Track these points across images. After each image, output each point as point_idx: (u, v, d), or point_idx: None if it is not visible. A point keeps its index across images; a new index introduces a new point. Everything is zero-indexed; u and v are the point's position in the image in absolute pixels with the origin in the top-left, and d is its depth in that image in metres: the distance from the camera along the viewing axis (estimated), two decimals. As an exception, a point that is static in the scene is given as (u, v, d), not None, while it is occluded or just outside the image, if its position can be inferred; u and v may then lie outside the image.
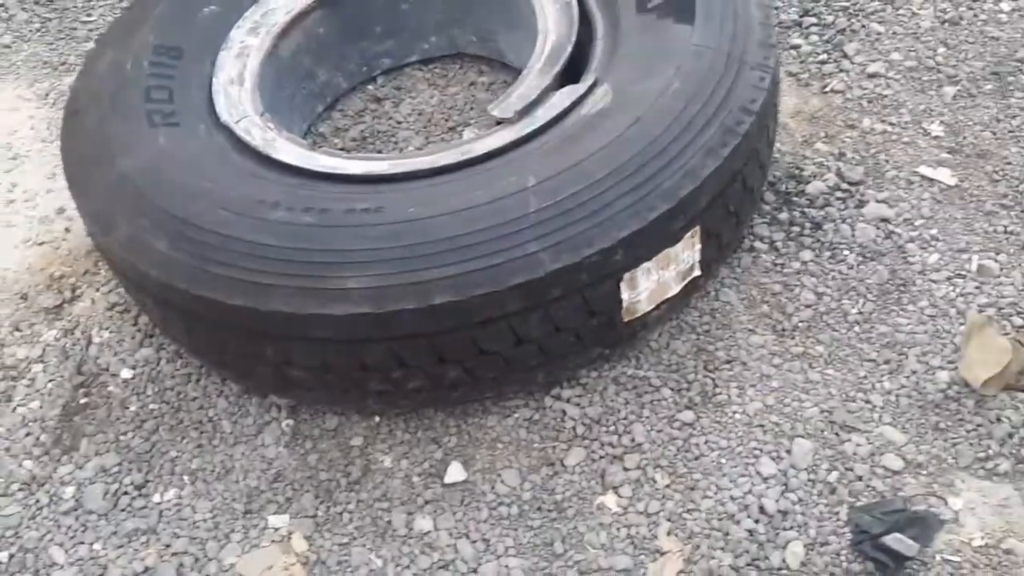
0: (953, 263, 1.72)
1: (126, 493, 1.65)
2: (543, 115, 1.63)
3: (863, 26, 2.17)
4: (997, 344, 1.52)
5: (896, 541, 1.37)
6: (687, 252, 1.52)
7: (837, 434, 1.52)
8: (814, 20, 2.20)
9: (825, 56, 2.13)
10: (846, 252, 1.75)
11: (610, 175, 1.45)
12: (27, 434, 1.76)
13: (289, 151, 1.67)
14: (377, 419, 1.67)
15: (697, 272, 1.58)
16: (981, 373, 1.51)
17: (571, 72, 1.73)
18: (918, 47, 2.11)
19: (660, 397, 1.61)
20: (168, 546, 1.57)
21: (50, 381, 1.83)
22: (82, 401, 1.79)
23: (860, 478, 1.47)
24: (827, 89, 2.06)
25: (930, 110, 1.98)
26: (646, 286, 1.50)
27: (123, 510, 1.63)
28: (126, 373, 1.81)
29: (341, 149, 2.07)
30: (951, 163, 1.87)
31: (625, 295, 1.49)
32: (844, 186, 1.85)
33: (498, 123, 1.67)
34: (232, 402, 1.73)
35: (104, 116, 1.73)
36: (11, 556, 1.61)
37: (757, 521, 1.45)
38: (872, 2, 2.22)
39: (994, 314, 1.64)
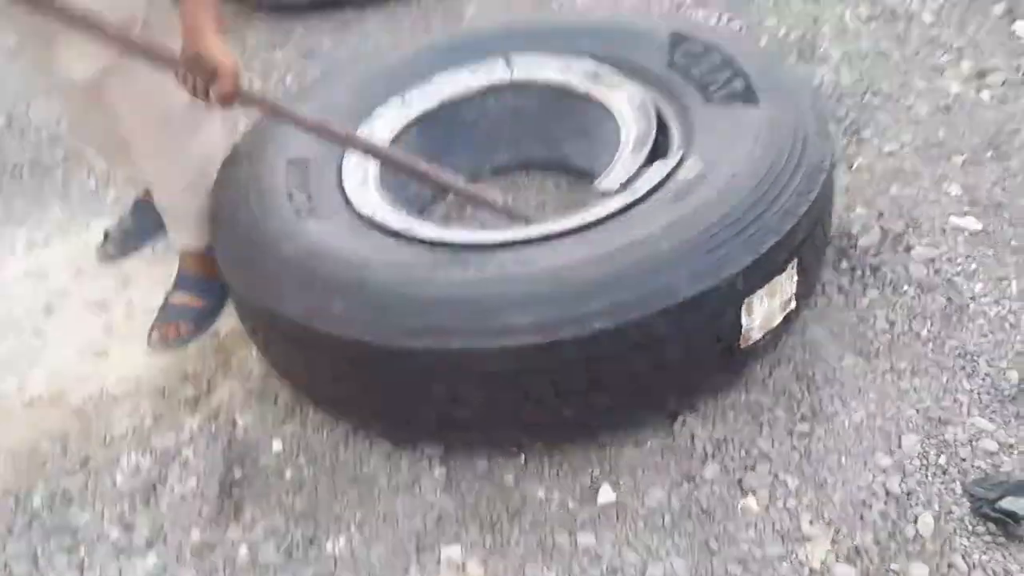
0: (996, 289, 2.01)
1: (298, 546, 1.78)
2: (643, 185, 1.92)
3: (872, 118, 2.55)
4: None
5: (1010, 503, 1.58)
6: (788, 283, 1.79)
7: (936, 427, 1.75)
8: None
9: (845, 141, 2.48)
10: (905, 287, 2.03)
11: (723, 217, 1.72)
12: (188, 509, 1.89)
13: (427, 230, 1.93)
14: (523, 458, 1.85)
15: (793, 305, 1.84)
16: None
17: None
18: (922, 130, 2.48)
19: (775, 416, 1.83)
20: (350, 585, 1.71)
21: (202, 461, 1.98)
22: (237, 476, 1.94)
23: (964, 460, 1.69)
24: (853, 167, 2.40)
25: (945, 176, 2.32)
26: (759, 313, 1.76)
27: (298, 560, 1.76)
28: (276, 446, 1.97)
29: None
30: (974, 213, 2.19)
31: (744, 320, 1.74)
32: (890, 237, 2.15)
33: (601, 195, 1.97)
34: (384, 459, 1.90)
35: (255, 215, 1.98)
36: (193, 615, 1.72)
37: (886, 503, 1.65)
38: (874, 99, 2.61)
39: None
